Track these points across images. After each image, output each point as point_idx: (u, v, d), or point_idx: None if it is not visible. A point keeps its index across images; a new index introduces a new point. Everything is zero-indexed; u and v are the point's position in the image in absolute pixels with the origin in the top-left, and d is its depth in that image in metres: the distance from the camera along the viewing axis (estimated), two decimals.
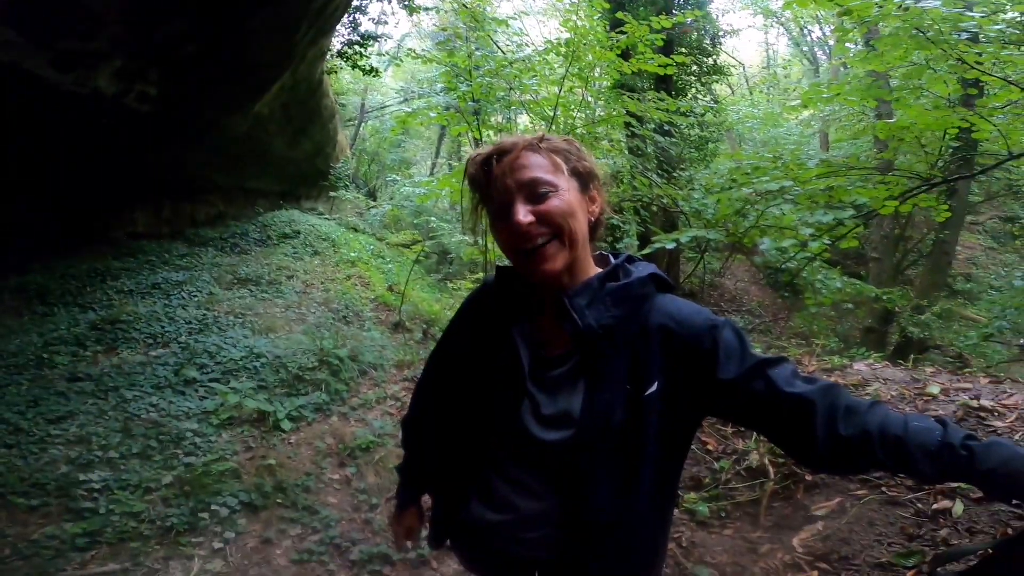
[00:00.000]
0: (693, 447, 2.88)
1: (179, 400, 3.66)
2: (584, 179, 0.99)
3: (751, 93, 18.28)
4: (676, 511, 2.41)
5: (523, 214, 0.92)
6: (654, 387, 0.93)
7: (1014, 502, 0.80)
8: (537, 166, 0.94)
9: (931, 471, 0.81)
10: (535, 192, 0.93)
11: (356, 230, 9.88)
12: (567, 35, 4.93)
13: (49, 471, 2.88)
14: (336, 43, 8.61)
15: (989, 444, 0.78)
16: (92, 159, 5.32)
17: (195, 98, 5.41)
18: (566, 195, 0.94)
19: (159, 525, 2.65)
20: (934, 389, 2.59)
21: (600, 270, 1.02)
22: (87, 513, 2.66)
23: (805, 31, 16.69)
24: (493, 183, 0.96)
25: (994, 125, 4.41)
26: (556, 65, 5.34)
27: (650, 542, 1.03)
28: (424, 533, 1.23)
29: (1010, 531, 1.82)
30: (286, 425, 3.51)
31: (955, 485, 2.02)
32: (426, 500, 1.27)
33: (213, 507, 2.79)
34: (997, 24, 3.68)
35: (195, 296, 5.46)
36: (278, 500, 2.92)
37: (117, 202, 6.52)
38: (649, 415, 0.93)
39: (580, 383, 0.96)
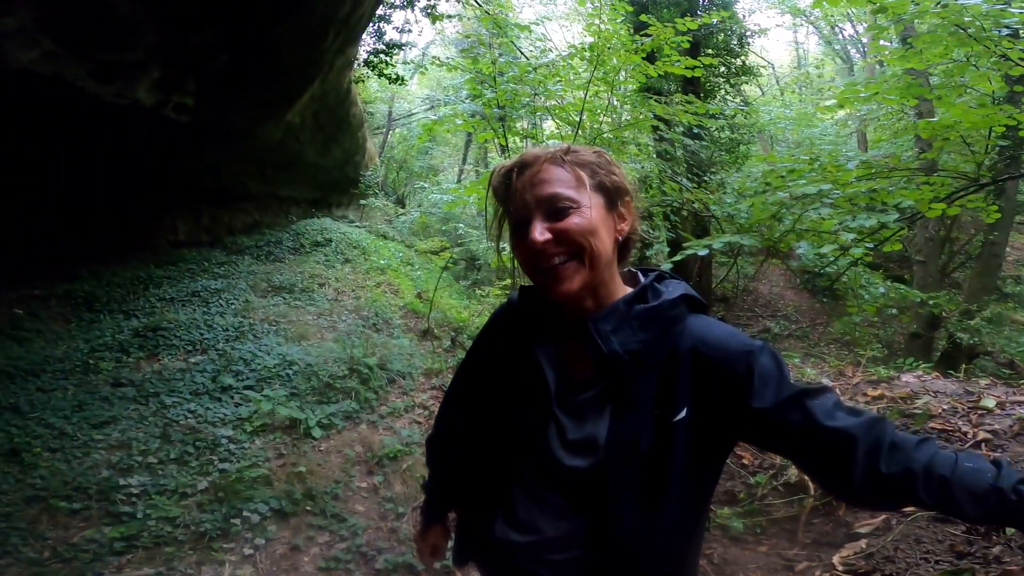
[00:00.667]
0: (728, 461, 2.79)
1: (216, 407, 3.75)
2: (611, 195, 0.94)
3: (782, 93, 17.87)
4: (708, 526, 2.34)
5: (539, 232, 0.88)
6: (683, 413, 0.90)
7: None
8: (559, 181, 0.90)
9: (976, 514, 0.77)
10: (554, 208, 0.89)
11: (385, 237, 10.01)
12: (590, 39, 4.90)
13: (91, 475, 2.97)
14: (363, 52, 8.78)
15: None
16: (134, 169, 5.52)
17: (230, 107, 5.57)
18: (588, 212, 0.89)
19: (193, 530, 2.70)
20: (989, 403, 2.46)
21: (628, 290, 0.98)
22: (125, 517, 2.73)
23: (837, 29, 16.23)
24: (513, 197, 0.93)
25: None
26: (581, 70, 5.31)
27: (678, 565, 0.99)
28: (449, 546, 1.22)
29: None
30: (317, 433, 3.55)
31: None
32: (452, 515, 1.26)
33: (245, 513, 2.84)
34: None
35: (232, 304, 5.61)
36: (307, 507, 2.96)
37: (158, 211, 6.76)
38: (678, 441, 0.90)
39: (607, 409, 0.93)
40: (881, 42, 5.56)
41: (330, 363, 4.34)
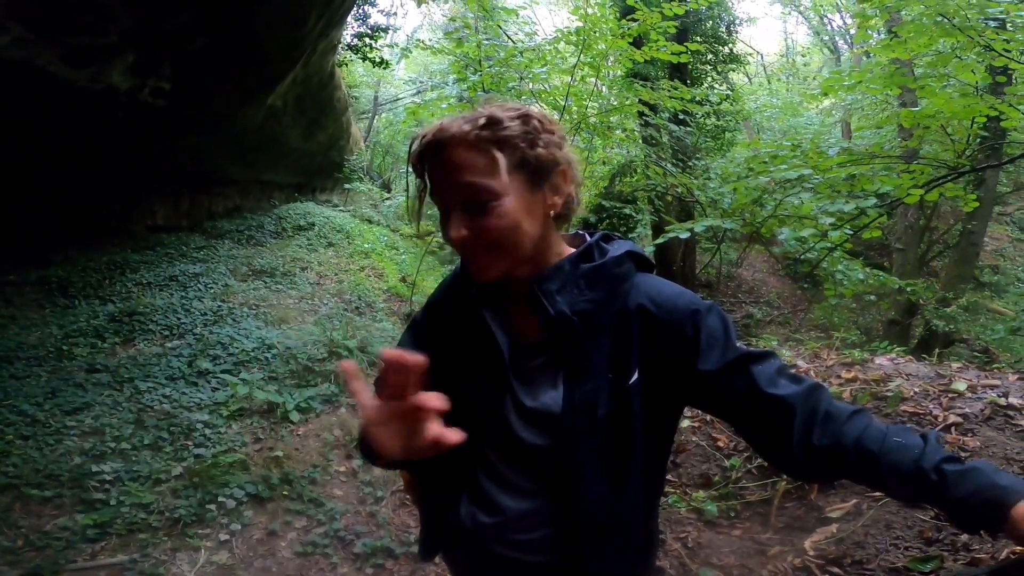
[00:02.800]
0: (703, 443, 2.81)
1: (191, 391, 3.70)
2: (536, 171, 0.85)
3: (769, 82, 17.88)
4: (683, 509, 2.36)
5: (456, 228, 0.83)
6: (635, 376, 0.87)
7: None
8: (470, 168, 0.81)
9: (901, 493, 0.75)
10: (472, 201, 0.82)
11: (370, 222, 9.92)
12: (578, 23, 4.84)
13: (63, 462, 2.92)
14: (347, 35, 8.61)
15: (965, 471, 0.71)
16: (110, 153, 5.39)
17: (209, 91, 5.45)
18: (507, 204, 0.82)
19: (167, 516, 2.68)
20: (960, 386, 2.50)
21: (572, 251, 0.94)
22: (99, 504, 2.70)
23: (825, 19, 16.24)
24: (431, 177, 0.87)
25: (1022, 114, 4.24)
26: (567, 54, 5.25)
27: (644, 535, 0.98)
28: (414, 539, 1.18)
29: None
30: (295, 416, 3.52)
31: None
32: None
33: (220, 499, 2.81)
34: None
35: (211, 288, 5.53)
36: (284, 492, 2.94)
37: (136, 195, 6.62)
38: (634, 405, 0.87)
39: (559, 375, 0.90)
40: (867, 31, 5.55)
41: (309, 346, 4.30)
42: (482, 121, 0.83)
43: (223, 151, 7.03)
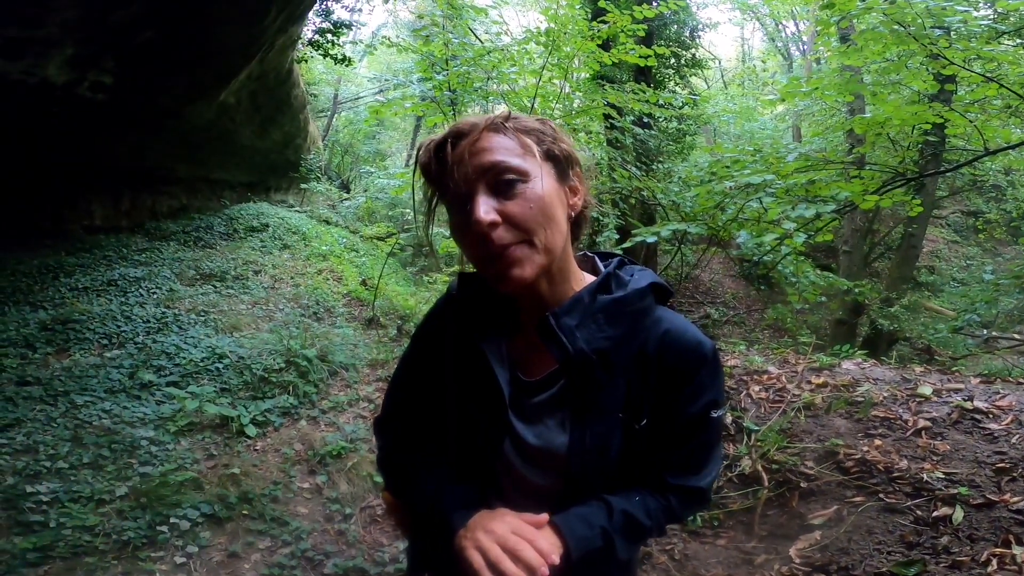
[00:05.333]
0: None
1: (134, 406, 3.43)
2: (562, 164, 0.80)
3: (726, 87, 18.41)
4: None
5: (484, 210, 0.72)
6: (644, 421, 0.82)
7: None
8: (502, 148, 0.75)
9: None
10: (500, 180, 0.74)
11: (328, 223, 9.60)
12: (547, 24, 4.78)
13: None
14: (307, 31, 8.28)
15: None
16: (43, 149, 4.99)
17: (155, 86, 5.12)
18: (539, 184, 0.75)
19: (115, 539, 2.47)
20: (926, 390, 2.55)
21: (587, 276, 0.87)
22: (37, 527, 2.49)
23: (781, 26, 16.85)
24: (449, 173, 0.76)
25: (969, 121, 4.44)
26: (535, 55, 5.18)
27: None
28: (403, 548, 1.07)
29: (1011, 537, 1.77)
30: (251, 431, 3.31)
31: (955, 491, 1.97)
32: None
33: (173, 520, 2.61)
34: (982, 21, 3.68)
35: (154, 293, 5.19)
36: (244, 511, 2.74)
37: (71, 194, 6.16)
38: (641, 447, 0.83)
39: (565, 413, 0.83)
40: (825, 36, 5.74)
41: (265, 356, 4.07)
42: (505, 114, 0.79)
43: (168, 148, 6.62)
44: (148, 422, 3.27)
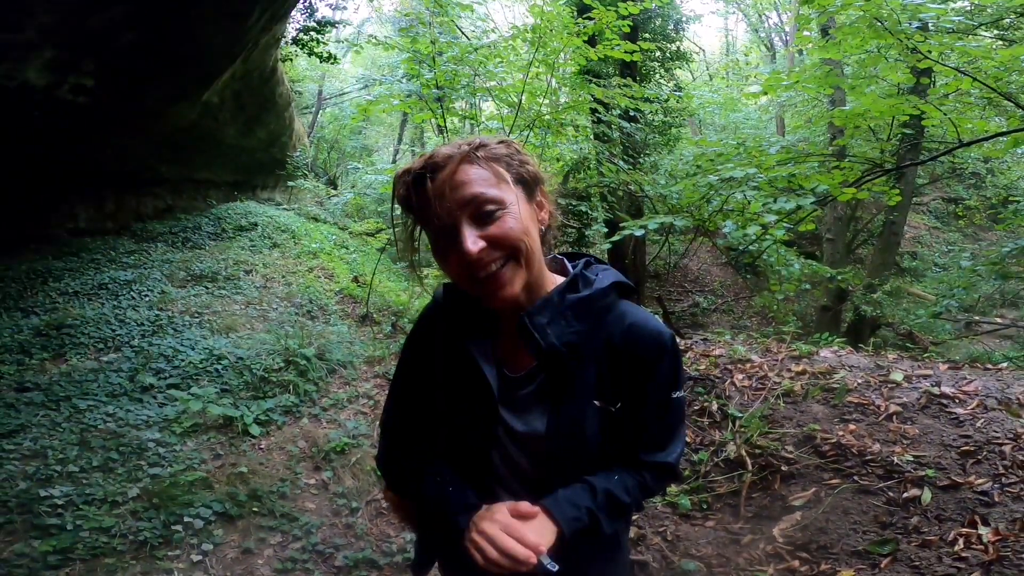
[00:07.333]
0: None
1: (137, 408, 3.48)
2: (530, 185, 0.91)
3: (711, 79, 18.52)
4: (659, 504, 2.45)
5: (471, 241, 0.81)
6: (619, 405, 0.94)
7: None
8: (479, 180, 0.83)
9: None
10: (481, 212, 0.83)
11: (317, 220, 9.59)
12: (533, 21, 4.84)
13: (8, 487, 2.72)
14: (292, 29, 8.23)
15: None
16: (26, 153, 4.96)
17: (138, 88, 5.10)
18: (515, 210, 0.85)
19: (131, 540, 2.53)
20: (897, 376, 2.70)
21: (556, 277, 0.98)
22: (54, 529, 2.53)
23: (764, 18, 16.96)
24: (428, 205, 0.84)
25: (944, 113, 4.58)
26: (522, 51, 5.24)
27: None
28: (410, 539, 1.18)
29: (976, 518, 1.90)
30: (255, 430, 3.38)
31: (923, 473, 2.12)
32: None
33: (186, 519, 2.68)
34: (956, 16, 3.80)
35: (146, 296, 5.20)
36: (254, 508, 2.82)
37: (55, 197, 6.11)
38: (618, 429, 0.94)
39: (547, 401, 0.94)
40: (805, 32, 5.85)
41: (263, 355, 4.13)
42: (474, 143, 0.87)
43: (152, 149, 6.59)
44: (153, 424, 3.33)
